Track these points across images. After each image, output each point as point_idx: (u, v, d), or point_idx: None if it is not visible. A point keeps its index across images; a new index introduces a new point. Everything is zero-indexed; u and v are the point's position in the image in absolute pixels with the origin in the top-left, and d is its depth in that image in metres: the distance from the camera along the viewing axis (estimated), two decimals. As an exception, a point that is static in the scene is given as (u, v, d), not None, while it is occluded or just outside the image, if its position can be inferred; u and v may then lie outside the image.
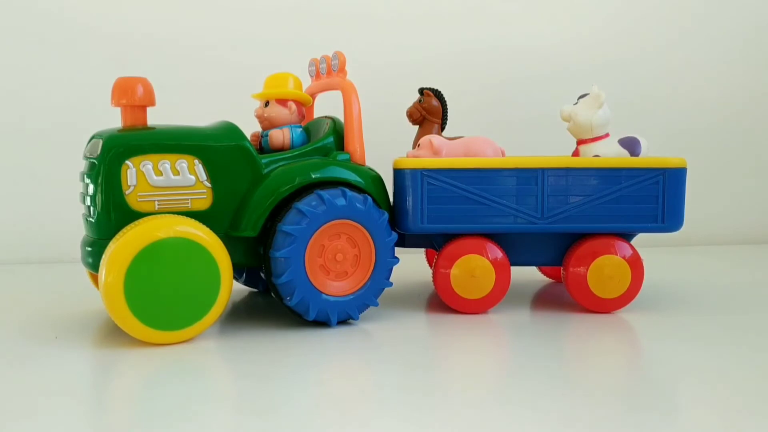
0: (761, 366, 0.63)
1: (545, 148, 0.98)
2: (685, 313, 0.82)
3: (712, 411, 0.53)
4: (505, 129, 1.11)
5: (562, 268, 0.84)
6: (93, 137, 0.75)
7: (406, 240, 0.86)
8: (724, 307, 0.85)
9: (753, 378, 0.60)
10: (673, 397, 0.56)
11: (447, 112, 0.88)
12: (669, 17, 1.30)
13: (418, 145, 0.83)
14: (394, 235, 0.78)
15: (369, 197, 0.76)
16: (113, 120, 0.77)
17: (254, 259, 0.78)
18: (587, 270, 0.80)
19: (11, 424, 0.51)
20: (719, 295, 0.91)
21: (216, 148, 0.74)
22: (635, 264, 0.81)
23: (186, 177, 0.73)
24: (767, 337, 0.72)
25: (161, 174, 0.72)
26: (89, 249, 0.73)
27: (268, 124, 0.82)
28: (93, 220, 0.72)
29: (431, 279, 0.86)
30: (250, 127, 0.81)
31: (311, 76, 0.89)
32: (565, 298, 0.88)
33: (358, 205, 0.75)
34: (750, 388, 0.58)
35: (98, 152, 0.71)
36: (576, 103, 0.84)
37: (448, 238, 0.82)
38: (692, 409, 0.54)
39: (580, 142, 0.84)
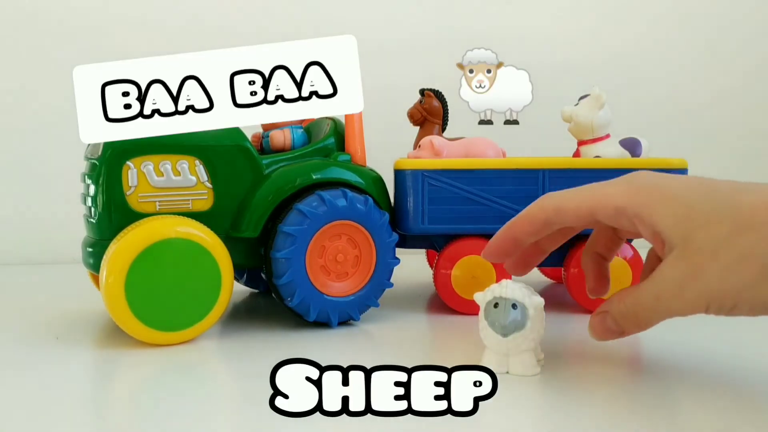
0: (761, 366, 0.63)
1: (546, 149, 0.98)
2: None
3: (712, 411, 0.53)
4: (506, 130, 1.10)
5: (562, 269, 0.84)
6: (94, 138, 0.75)
7: (406, 241, 0.85)
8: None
9: (753, 378, 0.60)
10: (673, 397, 0.56)
11: (448, 112, 0.88)
12: (671, 17, 1.30)
13: (419, 146, 0.83)
14: (395, 236, 0.78)
15: (370, 198, 0.76)
16: (114, 121, 0.77)
17: (255, 259, 0.78)
18: (588, 271, 0.80)
19: (12, 424, 0.51)
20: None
21: (217, 148, 0.74)
22: (636, 265, 0.81)
23: (187, 178, 0.73)
24: (767, 337, 0.72)
25: (162, 175, 0.72)
26: (90, 250, 0.73)
27: (269, 125, 0.82)
28: (94, 221, 0.72)
29: (432, 280, 0.86)
30: (251, 128, 0.81)
31: (312, 77, 0.89)
32: (565, 298, 0.88)
33: (358, 205, 0.75)
34: (750, 388, 0.58)
35: (99, 153, 0.72)
36: (577, 104, 0.84)
37: (449, 238, 0.82)
38: (692, 409, 0.54)
39: (581, 143, 0.84)
